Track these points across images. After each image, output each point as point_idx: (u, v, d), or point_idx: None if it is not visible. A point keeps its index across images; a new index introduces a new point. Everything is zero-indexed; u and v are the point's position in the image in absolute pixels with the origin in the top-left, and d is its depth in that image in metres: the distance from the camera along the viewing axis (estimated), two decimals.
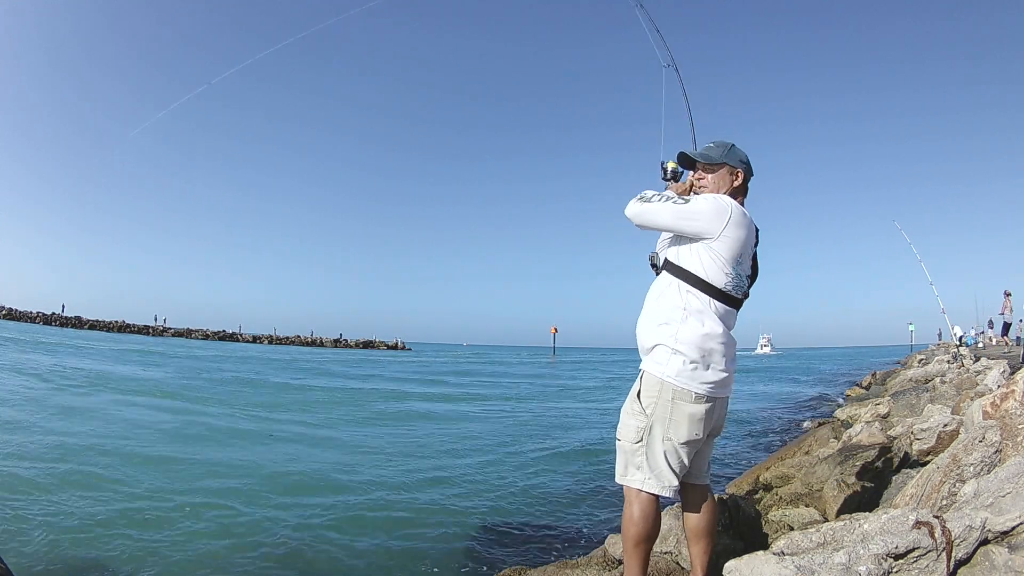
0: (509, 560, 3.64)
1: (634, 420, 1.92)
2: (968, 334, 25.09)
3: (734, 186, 2.01)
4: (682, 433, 1.86)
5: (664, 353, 1.88)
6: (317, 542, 3.96)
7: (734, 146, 2.04)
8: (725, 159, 2.01)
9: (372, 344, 65.80)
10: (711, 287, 1.88)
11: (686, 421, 1.86)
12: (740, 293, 1.94)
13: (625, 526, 1.93)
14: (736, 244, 1.88)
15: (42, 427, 7.36)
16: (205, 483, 5.29)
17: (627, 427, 1.94)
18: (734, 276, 1.90)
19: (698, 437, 1.89)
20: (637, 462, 1.90)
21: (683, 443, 1.88)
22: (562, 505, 5.03)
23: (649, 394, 1.89)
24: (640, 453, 1.89)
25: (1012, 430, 2.59)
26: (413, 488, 5.46)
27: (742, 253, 1.90)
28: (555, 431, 9.34)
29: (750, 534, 2.89)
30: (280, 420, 9.56)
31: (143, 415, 8.99)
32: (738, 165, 2.01)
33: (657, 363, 1.89)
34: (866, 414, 7.60)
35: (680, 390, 1.85)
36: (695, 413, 1.86)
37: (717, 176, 2.02)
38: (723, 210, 1.87)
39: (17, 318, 53.14)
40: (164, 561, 3.51)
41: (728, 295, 1.90)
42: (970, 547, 1.78)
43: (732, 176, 2.01)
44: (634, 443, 1.90)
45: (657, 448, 1.87)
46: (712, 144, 2.06)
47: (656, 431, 1.87)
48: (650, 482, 1.88)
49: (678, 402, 1.85)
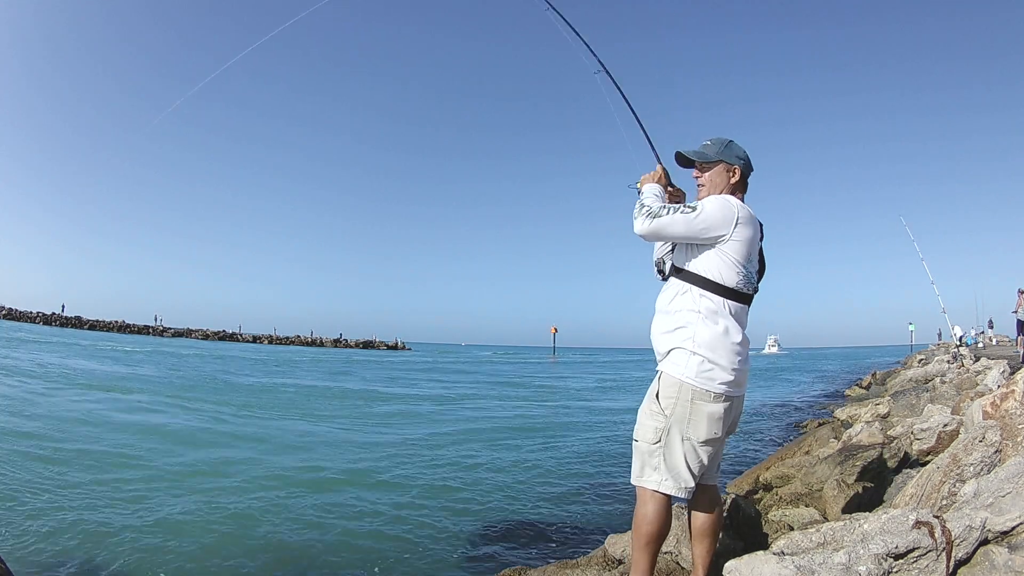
0: (509, 560, 3.64)
1: (653, 421, 1.91)
2: (968, 334, 25.12)
3: (732, 183, 2.00)
4: (702, 432, 1.87)
5: (682, 355, 1.88)
6: (315, 542, 3.96)
7: (731, 142, 2.03)
8: (721, 156, 2.00)
9: (372, 344, 65.79)
10: (724, 288, 1.89)
11: (706, 420, 1.86)
12: (751, 289, 1.96)
13: (637, 525, 1.92)
14: (746, 243, 1.89)
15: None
16: (198, 482, 5.29)
17: (645, 428, 1.93)
18: (745, 274, 1.91)
19: (717, 436, 1.90)
20: (654, 463, 1.89)
21: (703, 442, 1.88)
22: (562, 505, 5.03)
23: (668, 395, 1.89)
24: (658, 454, 1.89)
25: (1012, 430, 2.59)
26: (412, 489, 5.45)
27: (751, 251, 1.92)
28: (555, 431, 9.34)
29: (750, 534, 2.89)
30: (280, 421, 9.56)
31: (111, 412, 9.00)
32: (735, 161, 2.00)
33: (675, 364, 1.89)
34: (866, 414, 7.61)
35: (699, 390, 1.85)
36: (714, 412, 1.86)
37: (713, 173, 2.02)
38: (731, 212, 1.88)
39: (17, 318, 53.16)
40: (164, 561, 3.52)
41: (740, 293, 1.92)
42: (970, 547, 1.78)
43: (729, 173, 2.01)
44: (652, 443, 1.90)
45: (676, 449, 1.87)
46: (708, 141, 2.05)
47: (675, 431, 1.87)
48: (667, 483, 1.87)
49: (697, 402, 1.86)
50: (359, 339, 66.98)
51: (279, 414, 10.29)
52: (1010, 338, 22.28)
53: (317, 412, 10.89)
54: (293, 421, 9.59)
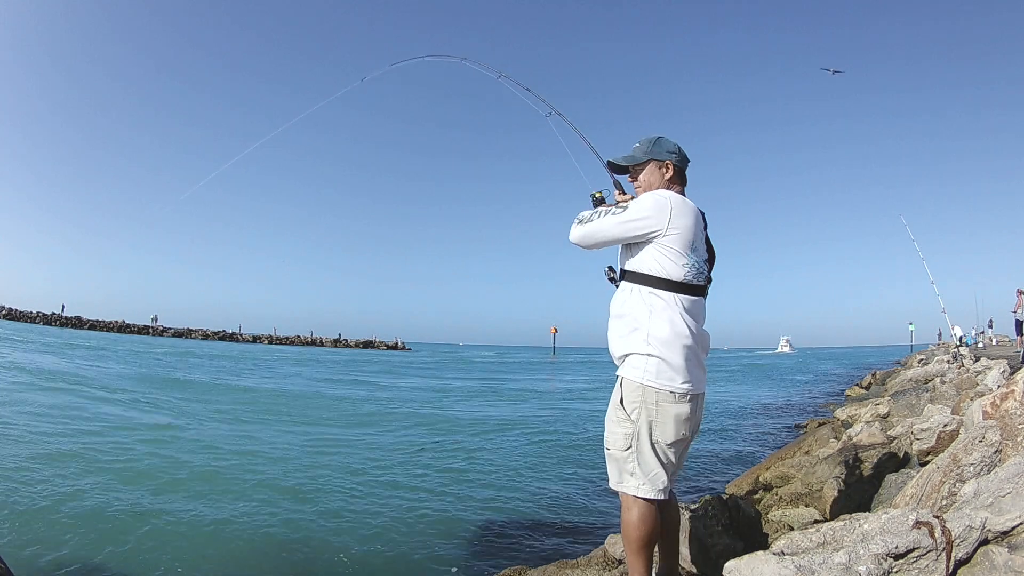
0: (509, 560, 3.64)
1: (620, 428, 1.91)
2: (968, 334, 25.13)
3: (666, 178, 2.02)
4: (669, 434, 1.87)
5: (639, 358, 1.88)
6: (314, 543, 3.96)
7: (660, 138, 2.06)
8: (649, 155, 2.03)
9: (372, 344, 65.74)
10: (672, 283, 1.88)
11: (672, 422, 1.86)
12: (702, 279, 1.95)
13: (626, 531, 1.92)
14: (686, 233, 1.88)
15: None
16: (191, 483, 5.29)
17: (615, 435, 1.93)
18: (692, 264, 1.90)
19: (685, 436, 1.90)
20: (630, 468, 1.89)
21: (670, 444, 1.88)
22: (562, 505, 5.03)
23: (632, 400, 1.88)
24: (631, 460, 1.89)
25: (1012, 430, 2.59)
26: (410, 489, 5.45)
27: (694, 240, 1.91)
28: (554, 431, 9.33)
29: (750, 534, 2.89)
30: (284, 422, 9.56)
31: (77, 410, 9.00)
32: (665, 157, 2.02)
33: (634, 368, 1.88)
34: (866, 414, 7.62)
35: (662, 392, 1.85)
36: (680, 413, 1.86)
37: (646, 173, 2.04)
38: (662, 204, 1.88)
39: (17, 318, 53.09)
40: (163, 560, 3.52)
41: (690, 285, 1.91)
42: (970, 547, 1.78)
43: (662, 169, 2.02)
44: (624, 450, 1.90)
45: (647, 452, 1.87)
46: (637, 143, 2.09)
47: (643, 436, 1.87)
48: (644, 487, 1.88)
49: (663, 404, 1.85)
50: (359, 339, 66.94)
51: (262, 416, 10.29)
52: (1010, 338, 22.29)
53: (310, 415, 10.89)
54: (291, 424, 9.59)
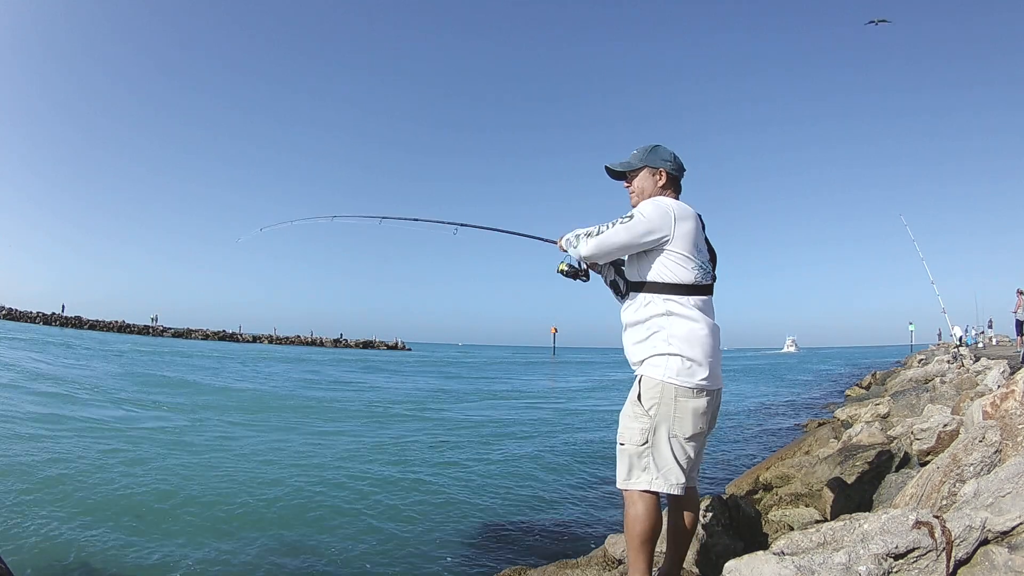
0: (509, 560, 3.64)
1: (637, 423, 1.94)
2: (968, 334, 25.13)
3: (659, 185, 2.06)
4: (688, 428, 1.90)
5: (660, 358, 1.92)
6: (314, 543, 3.96)
7: (656, 147, 2.10)
8: (644, 161, 2.08)
9: (372, 344, 65.70)
10: (685, 286, 1.93)
11: (691, 416, 1.90)
12: (709, 279, 2.01)
13: (630, 527, 1.94)
14: (689, 236, 1.94)
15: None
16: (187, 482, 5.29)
17: (630, 430, 1.96)
18: (698, 266, 1.96)
19: (702, 431, 1.94)
20: (643, 464, 1.92)
21: (688, 438, 1.91)
22: (562, 505, 5.03)
23: (651, 396, 1.92)
24: (646, 454, 1.92)
25: (1012, 430, 2.58)
26: (409, 489, 5.46)
27: (697, 242, 1.97)
28: (554, 431, 9.34)
29: (750, 534, 2.89)
30: (282, 422, 9.55)
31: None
32: (659, 164, 2.06)
33: (655, 367, 1.92)
34: (866, 414, 7.61)
35: (681, 387, 1.88)
36: (698, 407, 1.90)
37: (640, 179, 2.09)
38: (665, 210, 1.93)
39: (17, 318, 53.02)
40: (163, 559, 3.52)
41: (700, 286, 1.96)
42: (970, 547, 1.78)
43: (655, 176, 2.07)
44: (639, 445, 1.93)
45: (664, 447, 1.90)
46: (635, 151, 2.13)
47: (661, 430, 1.90)
48: (657, 482, 1.90)
49: (681, 399, 1.89)
50: (359, 339, 66.91)
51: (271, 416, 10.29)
52: (1010, 338, 22.27)
53: (315, 413, 10.89)
54: (291, 424, 9.59)
